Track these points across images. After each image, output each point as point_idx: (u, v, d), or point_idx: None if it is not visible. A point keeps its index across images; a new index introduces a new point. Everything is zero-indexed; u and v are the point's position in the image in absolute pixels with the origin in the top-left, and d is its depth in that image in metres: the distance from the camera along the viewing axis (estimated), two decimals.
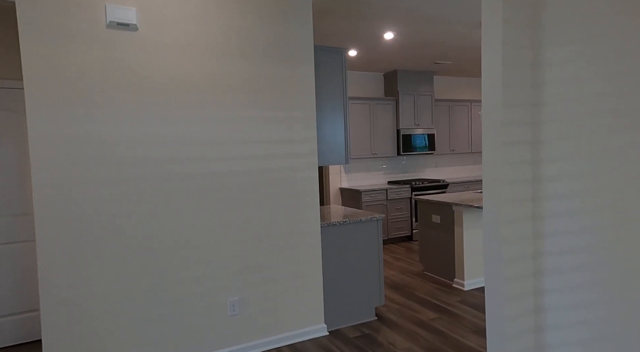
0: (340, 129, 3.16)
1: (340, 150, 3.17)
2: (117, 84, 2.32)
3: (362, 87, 6.34)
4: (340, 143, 3.17)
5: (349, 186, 6.29)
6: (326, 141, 3.12)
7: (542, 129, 1.91)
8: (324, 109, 3.11)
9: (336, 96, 3.15)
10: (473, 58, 5.63)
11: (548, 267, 1.92)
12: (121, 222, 2.35)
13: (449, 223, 4.10)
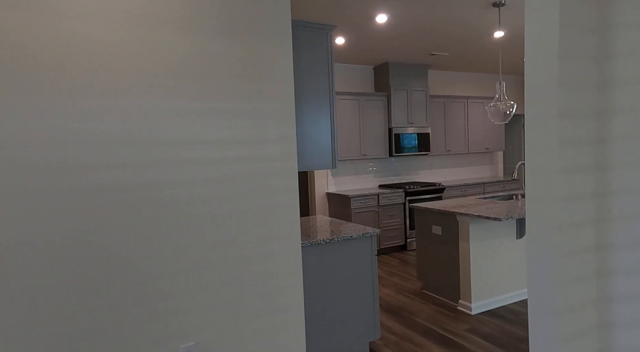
0: (325, 127, 2.57)
1: (326, 152, 2.57)
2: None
3: (351, 81, 5.76)
4: (326, 144, 2.57)
5: (337, 190, 5.70)
6: (309, 141, 2.52)
7: (612, 124, 1.35)
8: (306, 101, 2.51)
9: (320, 85, 2.55)
10: (473, 50, 5.11)
11: (619, 291, 1.36)
12: (27, 251, 1.71)
13: (452, 235, 3.54)
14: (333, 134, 2.59)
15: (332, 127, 2.59)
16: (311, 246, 2.52)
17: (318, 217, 3.37)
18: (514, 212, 3.26)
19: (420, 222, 3.90)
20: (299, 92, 2.49)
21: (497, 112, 3.51)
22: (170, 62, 1.99)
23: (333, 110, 2.59)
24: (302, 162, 2.50)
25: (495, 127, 6.67)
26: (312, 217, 3.39)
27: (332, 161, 2.59)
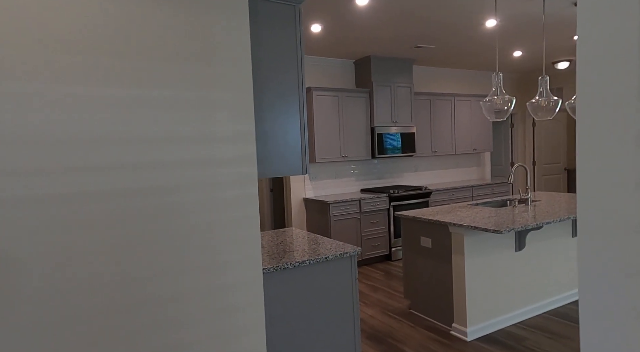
0: (293, 124, 2.08)
1: (295, 155, 2.08)
2: None
3: (330, 76, 5.29)
4: (295, 144, 2.08)
5: (315, 195, 5.21)
6: (273, 141, 2.02)
7: None
8: (269, 91, 2.01)
9: (288, 73, 2.06)
10: (461, 42, 4.70)
11: None
12: None
13: (443, 249, 3.10)
14: (303, 132, 2.10)
15: (302, 125, 2.10)
16: (277, 272, 2.02)
17: (291, 230, 2.87)
18: (514, 222, 2.83)
19: (407, 233, 3.45)
20: (260, 79, 1.99)
21: (493, 108, 3.11)
22: (81, 34, 1.46)
23: (303, 104, 2.10)
24: (264, 167, 2.00)
25: (483, 127, 6.32)
26: (285, 230, 2.89)
27: (302, 166, 2.10)
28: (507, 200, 4.03)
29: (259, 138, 1.98)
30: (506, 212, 3.24)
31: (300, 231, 2.83)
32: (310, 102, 4.86)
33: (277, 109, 2.03)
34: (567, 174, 7.78)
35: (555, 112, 3.30)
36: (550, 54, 5.67)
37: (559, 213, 3.10)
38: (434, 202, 5.46)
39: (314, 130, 4.83)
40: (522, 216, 3.08)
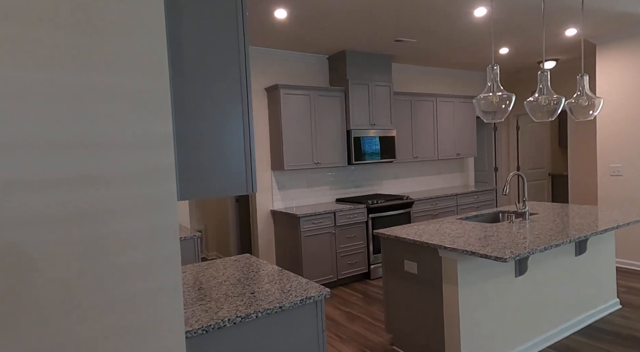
0: (234, 125, 1.49)
1: (236, 167, 1.49)
2: None
3: (300, 73, 4.73)
4: (235, 153, 1.50)
5: (284, 207, 4.63)
6: (202, 149, 1.43)
7: None
8: (195, 80, 1.43)
9: (224, 58, 1.48)
10: (445, 36, 4.24)
11: None
12: None
13: (432, 276, 2.57)
14: (248, 138, 1.52)
15: (247, 128, 1.52)
16: (211, 333, 1.43)
17: (245, 260, 2.28)
18: (516, 244, 2.34)
19: (389, 255, 2.91)
20: (183, 64, 1.40)
21: (488, 106, 2.62)
22: None
23: (247, 99, 1.52)
24: (189, 184, 1.41)
25: (467, 131, 5.89)
26: (237, 259, 2.30)
27: (246, 182, 1.52)
28: (499, 212, 3.57)
29: (180, 144, 1.39)
30: (503, 230, 2.75)
31: (257, 261, 2.24)
32: (277, 102, 4.29)
33: (209, 104, 1.45)
34: (551, 180, 7.47)
35: (557, 112, 2.85)
36: (536, 53, 5.30)
37: (565, 231, 2.63)
38: (416, 212, 4.97)
39: (282, 133, 4.26)
40: (522, 235, 2.59)
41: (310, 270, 4.14)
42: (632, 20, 4.04)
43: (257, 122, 4.45)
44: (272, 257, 4.57)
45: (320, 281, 4.20)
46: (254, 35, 3.91)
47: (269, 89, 4.42)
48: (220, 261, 2.26)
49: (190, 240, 3.08)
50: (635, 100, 4.35)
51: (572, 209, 3.48)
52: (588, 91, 3.06)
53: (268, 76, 4.49)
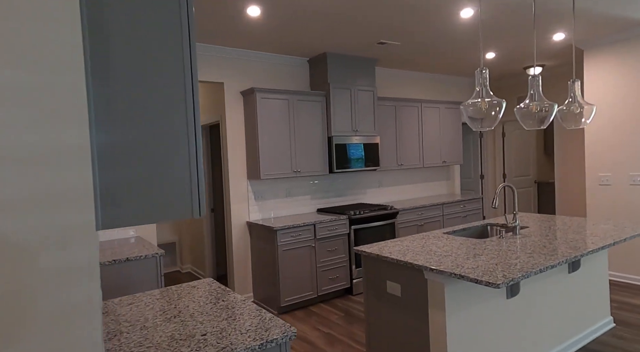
0: (178, 133, 1.22)
1: (179, 185, 1.22)
2: None
3: (279, 77, 4.48)
4: (179, 168, 1.22)
5: (262, 218, 4.35)
6: (132, 164, 1.16)
7: None
8: (124, 77, 1.15)
9: (163, 50, 1.21)
10: (430, 38, 4.05)
11: None
12: None
13: (417, 299, 2.33)
14: (194, 150, 1.25)
15: (192, 138, 1.25)
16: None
17: (204, 286, 2.00)
18: (508, 265, 2.11)
19: (370, 275, 2.66)
20: (107, 56, 1.13)
21: (477, 113, 2.40)
22: None
23: (194, 101, 1.25)
24: (115, 210, 1.12)
25: (453, 138, 5.72)
26: (196, 285, 2.02)
27: (191, 205, 1.24)
28: (488, 225, 3.36)
29: (104, 158, 1.12)
30: (493, 248, 2.53)
31: (219, 288, 1.96)
32: (253, 106, 4.02)
33: (144, 108, 1.17)
34: (537, 188, 7.36)
35: (549, 120, 2.66)
36: (521, 58, 5.16)
37: (560, 248, 2.43)
38: (401, 223, 4.74)
39: (258, 140, 3.99)
40: (514, 253, 2.37)
41: (288, 286, 3.87)
42: (622, 24, 3.91)
43: (232, 128, 4.17)
44: (248, 273, 4.28)
45: (299, 298, 3.93)
46: (226, 35, 3.65)
47: (244, 93, 4.15)
48: (175, 289, 1.98)
49: (151, 259, 2.78)
50: (624, 108, 4.22)
51: (562, 222, 3.29)
52: (580, 98, 2.89)
53: (244, 79, 4.23)
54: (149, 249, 2.92)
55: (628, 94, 4.17)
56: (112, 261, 2.61)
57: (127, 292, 2.66)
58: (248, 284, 4.28)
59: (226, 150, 4.17)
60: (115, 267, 2.63)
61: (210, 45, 3.91)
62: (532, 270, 2.03)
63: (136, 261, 2.72)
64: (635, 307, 3.58)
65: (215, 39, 3.73)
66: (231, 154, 4.17)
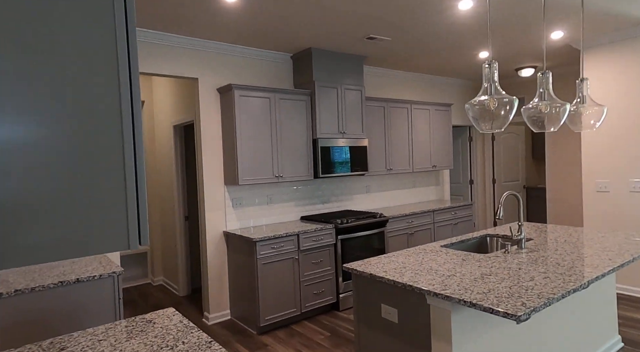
0: (109, 127, 0.87)
1: (109, 204, 0.86)
2: None
3: (260, 73, 4.12)
4: (108, 178, 0.86)
5: (240, 227, 3.97)
6: (28, 171, 0.80)
7: None
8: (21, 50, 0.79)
9: (80, 16, 0.85)
10: (424, 34, 3.76)
11: None
12: None
13: (417, 327, 2.01)
14: (132, 150, 0.89)
15: (129, 134, 0.89)
16: None
17: (158, 322, 1.63)
18: (524, 288, 1.81)
19: (362, 297, 2.33)
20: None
21: (485, 113, 2.11)
22: None
23: (132, 84, 0.89)
24: (3, 239, 0.75)
25: (443, 141, 5.47)
26: (147, 320, 1.64)
27: (127, 232, 0.88)
28: (487, 236, 3.08)
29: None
30: (501, 266, 2.23)
31: (179, 323, 1.59)
32: (231, 105, 3.65)
33: (48, 94, 0.81)
34: (526, 193, 7.20)
35: (560, 122, 2.39)
36: (513, 59, 4.95)
37: (577, 266, 2.15)
38: (390, 232, 4.44)
39: (236, 142, 3.62)
40: (527, 273, 2.08)
41: (268, 304, 3.50)
42: (622, 22, 3.71)
43: (207, 128, 3.79)
44: (225, 288, 3.89)
45: (280, 316, 3.57)
46: (201, 25, 3.28)
47: (221, 90, 3.78)
48: (126, 325, 1.59)
49: (106, 279, 2.37)
50: (623, 110, 4.03)
51: (567, 233, 3.04)
52: (590, 98, 2.64)
53: (221, 75, 3.85)
54: (106, 266, 2.51)
55: (628, 95, 3.98)
56: (57, 283, 2.20)
57: (76, 322, 2.25)
58: (224, 301, 3.89)
59: (201, 152, 3.78)
60: (61, 291, 2.22)
61: (182, 36, 3.53)
62: (554, 296, 1.73)
63: (88, 283, 2.31)
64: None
65: (188, 29, 3.36)
66: (206, 157, 3.78)
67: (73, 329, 2.23)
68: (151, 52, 3.42)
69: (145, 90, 5.06)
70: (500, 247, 2.99)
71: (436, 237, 4.95)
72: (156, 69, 3.46)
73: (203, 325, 3.77)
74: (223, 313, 3.87)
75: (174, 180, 4.62)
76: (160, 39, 3.44)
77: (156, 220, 5.14)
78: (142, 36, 3.33)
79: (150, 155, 5.13)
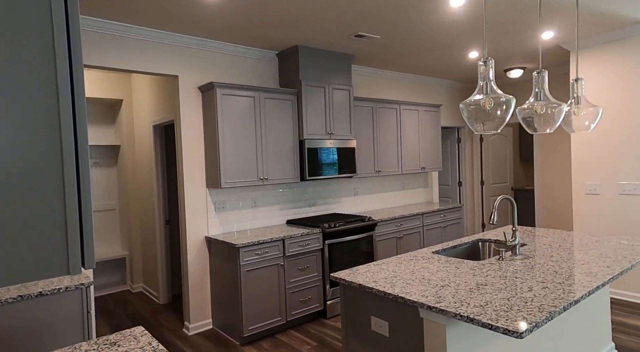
0: (38, 129, 0.71)
1: (44, 222, 0.71)
2: None
3: (244, 71, 3.96)
4: (43, 192, 0.71)
5: (223, 232, 3.80)
6: None
7: None
8: None
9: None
10: (414, 32, 3.66)
11: None
12: None
13: (410, 341, 1.88)
14: (72, 152, 0.74)
15: (70, 143, 0.73)
16: None
17: (124, 344, 1.46)
18: (523, 300, 1.70)
19: (351, 308, 2.19)
20: None
21: (481, 112, 1.99)
22: None
23: (73, 80, 0.74)
24: None
25: (433, 143, 5.38)
26: (112, 342, 1.47)
27: (67, 255, 0.72)
28: (479, 241, 2.97)
29: None
30: (496, 274, 2.12)
31: (146, 346, 1.43)
32: (213, 104, 3.48)
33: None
34: (514, 195, 7.17)
35: (558, 122, 2.29)
36: (502, 60, 4.89)
37: (575, 275, 2.05)
38: (379, 235, 4.31)
39: (218, 143, 3.45)
40: (524, 282, 1.97)
41: (252, 312, 3.34)
42: (614, 22, 3.66)
43: (188, 128, 3.60)
44: (206, 296, 3.71)
45: (265, 325, 3.41)
46: (181, 20, 3.10)
47: (203, 88, 3.60)
48: (85, 349, 1.42)
49: (74, 292, 2.18)
50: (614, 113, 3.99)
51: (561, 238, 2.95)
52: (585, 99, 2.55)
53: (202, 73, 3.68)
54: (74, 276, 2.32)
55: (618, 97, 3.94)
56: (16, 298, 2.00)
57: (38, 341, 2.06)
58: (206, 309, 3.70)
59: (181, 154, 3.60)
60: (22, 306, 2.03)
61: (161, 31, 3.34)
62: (556, 309, 1.61)
63: (53, 296, 2.12)
64: (634, 329, 3.29)
65: (167, 24, 3.18)
66: (187, 158, 3.60)
67: (34, 349, 2.03)
68: (127, 48, 3.23)
69: (124, 89, 4.84)
70: (494, 253, 2.89)
71: (425, 241, 4.85)
72: (133, 66, 3.26)
73: (183, 335, 3.58)
74: (204, 322, 3.69)
75: (154, 182, 4.42)
76: (137, 34, 3.25)
77: (136, 224, 4.92)
78: (116, 30, 3.14)
79: (129, 156, 4.91)
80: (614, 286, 4.05)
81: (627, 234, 3.92)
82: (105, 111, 5.08)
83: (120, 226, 5.14)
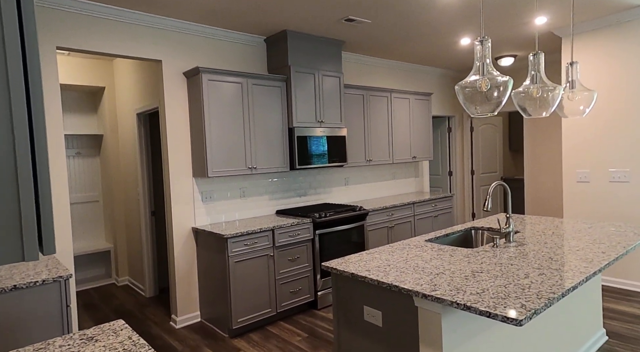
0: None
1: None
2: None
3: (231, 56, 3.82)
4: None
5: (211, 223, 3.69)
6: None
7: None
8: None
9: None
10: (405, 19, 3.56)
11: None
12: None
13: (404, 330, 1.82)
14: (25, 145, 0.64)
15: (22, 123, 0.63)
16: None
17: (102, 339, 1.37)
18: (520, 286, 1.65)
19: (343, 298, 2.12)
20: None
21: (477, 93, 1.93)
22: None
23: (25, 51, 0.63)
24: None
25: (424, 132, 5.32)
26: (89, 337, 1.38)
27: (22, 242, 0.63)
28: (472, 229, 2.93)
29: None
30: (491, 261, 2.07)
31: (126, 339, 1.34)
32: (198, 90, 3.35)
33: None
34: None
35: (553, 106, 2.24)
36: (493, 48, 4.84)
37: (571, 261, 2.01)
38: (370, 225, 4.26)
39: (205, 131, 3.33)
40: (520, 269, 1.92)
41: (241, 304, 3.26)
42: (607, 8, 3.62)
43: (173, 116, 3.47)
44: (194, 288, 3.62)
45: (255, 317, 3.33)
46: (165, 3, 2.95)
47: (188, 74, 3.47)
48: (60, 345, 1.32)
49: (51, 286, 2.07)
50: (605, 100, 3.97)
51: (554, 225, 2.93)
52: (580, 83, 2.50)
53: (187, 58, 3.54)
54: (52, 269, 2.21)
55: (609, 85, 3.92)
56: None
57: (13, 337, 1.95)
58: (194, 302, 3.61)
59: (166, 142, 3.47)
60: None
61: (144, 13, 3.19)
62: (554, 295, 1.57)
63: (29, 290, 2.01)
64: (624, 316, 3.31)
65: (150, 5, 3.03)
66: (172, 147, 3.48)
67: (8, 346, 1.93)
68: (106, 30, 3.07)
69: (106, 76, 4.66)
70: (487, 240, 2.85)
71: (417, 230, 4.81)
72: (113, 49, 3.11)
73: (171, 329, 3.49)
74: (192, 315, 3.60)
75: (138, 172, 4.28)
76: (118, 16, 3.09)
77: (120, 216, 4.78)
78: (95, 11, 2.98)
79: (113, 145, 4.75)
80: (604, 273, 4.07)
81: (616, 221, 3.93)
82: (86, 99, 4.90)
83: (104, 217, 4.99)
